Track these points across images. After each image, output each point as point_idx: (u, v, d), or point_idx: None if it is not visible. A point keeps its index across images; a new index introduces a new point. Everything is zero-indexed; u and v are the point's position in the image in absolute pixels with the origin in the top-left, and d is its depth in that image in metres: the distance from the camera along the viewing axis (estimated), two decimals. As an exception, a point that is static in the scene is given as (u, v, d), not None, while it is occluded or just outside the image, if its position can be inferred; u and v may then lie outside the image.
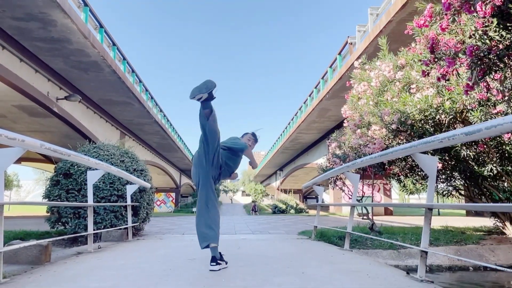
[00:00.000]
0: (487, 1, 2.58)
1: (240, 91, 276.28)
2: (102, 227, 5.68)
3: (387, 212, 20.66)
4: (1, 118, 15.12)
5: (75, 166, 5.85)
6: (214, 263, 2.84)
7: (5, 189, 2.59)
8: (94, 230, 4.65)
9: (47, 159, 22.79)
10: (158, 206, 36.98)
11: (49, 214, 6.05)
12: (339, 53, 15.35)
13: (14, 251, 3.30)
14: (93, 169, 4.39)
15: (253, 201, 40.79)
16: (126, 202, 5.71)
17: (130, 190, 5.65)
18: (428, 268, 3.69)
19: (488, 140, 4.88)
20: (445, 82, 4.30)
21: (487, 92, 3.75)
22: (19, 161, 24.56)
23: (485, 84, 3.51)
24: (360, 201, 7.24)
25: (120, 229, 5.49)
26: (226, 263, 2.99)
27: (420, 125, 5.08)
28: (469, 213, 19.89)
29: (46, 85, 12.26)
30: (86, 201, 5.08)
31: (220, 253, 3.01)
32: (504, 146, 5.03)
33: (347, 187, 7.50)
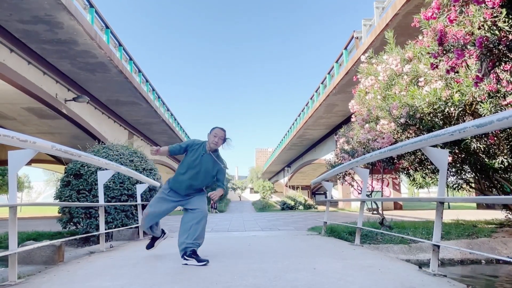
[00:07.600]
0: (496, -9, 2.54)
1: (241, 90, 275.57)
2: (113, 226, 5.74)
3: (397, 206, 20.54)
4: (11, 121, 15.33)
5: (85, 167, 5.91)
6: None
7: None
8: (105, 229, 4.70)
9: (57, 160, 23.01)
10: (167, 204, 37.08)
11: (60, 214, 6.13)
12: (345, 48, 15.24)
13: (28, 252, 3.35)
14: (103, 169, 4.43)
15: (212, 200, 42.50)
16: (136, 201, 5.76)
17: (140, 189, 5.69)
18: (439, 262, 3.67)
19: (499, 132, 4.82)
20: (454, 74, 4.25)
21: (496, 84, 3.70)
22: (29, 162, 24.78)
23: (494, 75, 3.46)
24: (370, 196, 7.20)
25: (131, 228, 5.54)
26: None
27: (429, 118, 5.03)
28: (480, 206, 19.69)
29: (54, 87, 12.39)
30: (97, 201, 5.13)
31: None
32: (514, 138, 4.97)
33: (356, 182, 7.45)
